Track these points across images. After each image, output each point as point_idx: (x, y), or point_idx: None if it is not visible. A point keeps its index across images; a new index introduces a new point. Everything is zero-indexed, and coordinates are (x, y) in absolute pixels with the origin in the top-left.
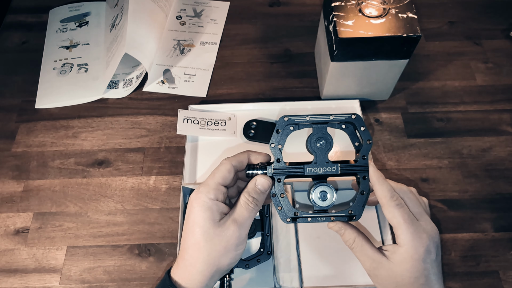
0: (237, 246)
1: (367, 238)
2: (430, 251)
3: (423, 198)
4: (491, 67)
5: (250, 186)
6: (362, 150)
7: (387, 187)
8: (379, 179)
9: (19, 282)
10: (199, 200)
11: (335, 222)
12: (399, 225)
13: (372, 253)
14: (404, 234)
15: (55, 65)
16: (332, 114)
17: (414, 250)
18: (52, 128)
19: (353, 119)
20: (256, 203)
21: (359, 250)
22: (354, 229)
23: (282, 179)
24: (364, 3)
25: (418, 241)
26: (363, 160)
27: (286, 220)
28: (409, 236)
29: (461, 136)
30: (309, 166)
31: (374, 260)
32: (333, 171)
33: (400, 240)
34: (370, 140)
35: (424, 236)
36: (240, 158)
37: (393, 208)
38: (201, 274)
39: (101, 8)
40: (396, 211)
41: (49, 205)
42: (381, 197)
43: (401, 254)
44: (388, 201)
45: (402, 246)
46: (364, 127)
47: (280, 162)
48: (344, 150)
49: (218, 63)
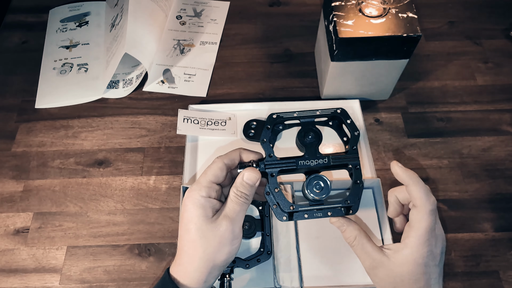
0: (232, 240)
1: (368, 236)
2: (434, 257)
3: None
4: (491, 67)
5: (238, 181)
6: (351, 141)
7: (425, 188)
8: (413, 179)
9: (19, 282)
10: (191, 198)
11: (337, 218)
12: (419, 230)
13: (372, 251)
14: (415, 238)
15: (55, 65)
16: (319, 110)
17: (418, 254)
18: (52, 128)
19: (338, 113)
20: (245, 197)
21: (359, 248)
22: (356, 226)
23: (275, 173)
24: (364, 3)
25: (424, 247)
26: (353, 150)
27: (282, 218)
28: (419, 241)
29: (461, 136)
30: (301, 159)
31: (374, 259)
32: (325, 163)
33: (407, 241)
34: (358, 131)
35: (432, 242)
36: (232, 156)
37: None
38: (198, 271)
39: (101, 8)
40: (426, 218)
41: (49, 205)
42: (416, 198)
43: (404, 256)
44: (424, 204)
45: (408, 248)
46: (350, 120)
47: (272, 157)
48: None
49: (218, 63)
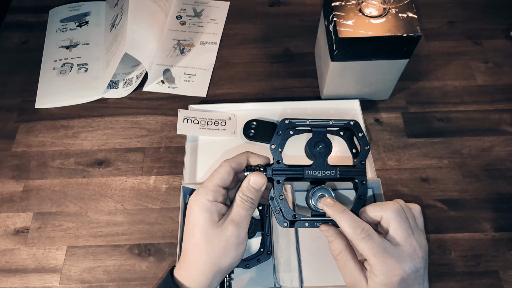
0: (237, 245)
1: (353, 253)
2: (406, 279)
3: (414, 208)
4: (491, 67)
5: (244, 185)
6: (360, 155)
7: (348, 220)
8: (337, 213)
9: (19, 282)
10: (198, 202)
11: (328, 226)
12: (369, 258)
13: (354, 270)
14: (375, 267)
15: (55, 65)
16: (332, 119)
17: (388, 280)
18: (52, 128)
19: (351, 125)
20: (251, 201)
21: (342, 263)
22: (343, 240)
23: (281, 180)
24: (364, 3)
25: (391, 273)
26: (361, 165)
27: (283, 224)
28: (381, 268)
29: (461, 136)
30: (309, 169)
31: (354, 277)
32: (332, 175)
33: (374, 270)
34: (368, 146)
35: (397, 267)
36: (239, 160)
37: (359, 241)
38: (202, 275)
39: (101, 8)
40: (363, 245)
41: (49, 205)
42: (346, 232)
43: (375, 283)
44: (352, 235)
45: (377, 276)
46: (362, 133)
47: (280, 164)
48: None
49: (218, 63)
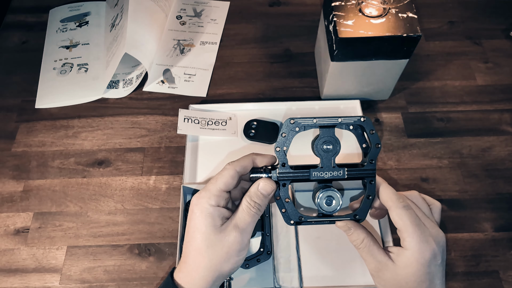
0: (239, 251)
1: (374, 239)
2: (436, 256)
3: (435, 203)
4: (491, 67)
5: (253, 190)
6: (370, 154)
7: (392, 190)
8: (383, 184)
9: (19, 282)
10: (200, 206)
11: (344, 221)
12: (406, 227)
13: (378, 254)
14: (410, 237)
15: (55, 65)
16: (340, 117)
17: (420, 255)
18: (52, 128)
19: (362, 122)
20: (258, 207)
21: (366, 251)
22: (363, 229)
23: (287, 183)
24: (364, 3)
25: (424, 245)
26: (371, 164)
27: (290, 222)
28: (415, 239)
29: (461, 136)
30: (315, 171)
31: (379, 262)
32: (340, 175)
33: (406, 243)
34: (379, 144)
35: (430, 240)
36: (244, 163)
37: (400, 209)
38: (203, 280)
39: (101, 8)
40: (403, 213)
41: (49, 205)
42: (387, 199)
43: (406, 258)
44: (395, 202)
45: (408, 250)
46: (374, 131)
47: (285, 167)
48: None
49: (218, 63)
